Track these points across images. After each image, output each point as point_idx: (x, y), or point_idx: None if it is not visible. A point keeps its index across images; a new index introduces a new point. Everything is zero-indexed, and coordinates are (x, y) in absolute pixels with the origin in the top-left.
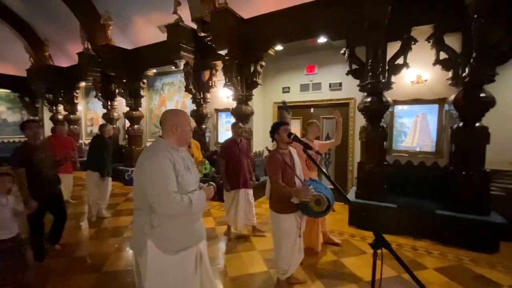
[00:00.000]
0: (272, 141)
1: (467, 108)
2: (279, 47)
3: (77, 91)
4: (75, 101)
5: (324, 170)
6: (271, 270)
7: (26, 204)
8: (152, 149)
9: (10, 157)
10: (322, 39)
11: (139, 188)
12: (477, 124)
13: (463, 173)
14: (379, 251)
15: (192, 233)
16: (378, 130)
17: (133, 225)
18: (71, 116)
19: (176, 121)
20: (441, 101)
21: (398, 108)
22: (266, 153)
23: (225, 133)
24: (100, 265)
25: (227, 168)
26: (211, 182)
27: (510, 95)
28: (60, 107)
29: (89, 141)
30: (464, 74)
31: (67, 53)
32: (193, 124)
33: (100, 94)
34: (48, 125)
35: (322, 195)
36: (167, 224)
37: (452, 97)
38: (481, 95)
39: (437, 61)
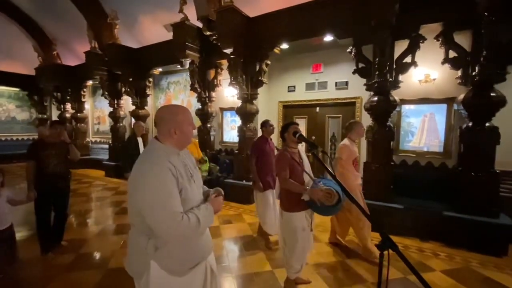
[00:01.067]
0: (283, 140)
1: (476, 107)
2: (284, 46)
3: (84, 89)
4: (82, 99)
5: (329, 169)
6: (275, 270)
7: (28, 194)
8: (148, 159)
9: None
10: (328, 38)
11: (134, 207)
12: (487, 124)
13: (472, 174)
14: (385, 252)
15: (200, 248)
16: (384, 129)
17: (130, 244)
18: (78, 114)
19: (177, 122)
20: (449, 101)
21: (406, 107)
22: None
23: (230, 132)
24: (106, 262)
25: (258, 168)
26: (219, 188)
27: None
28: (68, 106)
29: (95, 139)
30: (474, 73)
31: (74, 52)
32: (197, 123)
33: (106, 93)
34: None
35: (332, 189)
36: (174, 245)
37: (461, 97)
38: (492, 94)
39: (446, 60)
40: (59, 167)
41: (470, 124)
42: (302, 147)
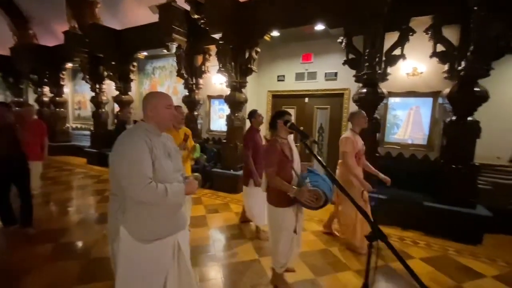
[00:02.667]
0: (270, 128)
1: (460, 102)
2: (275, 33)
3: (63, 72)
4: (61, 82)
5: (320, 159)
6: (262, 258)
7: None
8: (129, 132)
9: None
10: (319, 27)
11: (115, 175)
12: (469, 118)
13: (452, 166)
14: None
15: (169, 223)
16: (371, 121)
17: (108, 210)
18: (57, 98)
19: (153, 103)
20: (435, 95)
21: (392, 100)
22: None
23: (217, 120)
24: (87, 252)
25: (253, 161)
26: (197, 174)
27: (502, 90)
28: (46, 89)
29: (76, 125)
30: (460, 68)
31: (52, 32)
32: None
33: (87, 77)
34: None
35: (318, 191)
36: (140, 210)
37: (446, 91)
38: (475, 89)
39: (434, 54)
40: (6, 150)
41: (454, 118)
42: (291, 136)
